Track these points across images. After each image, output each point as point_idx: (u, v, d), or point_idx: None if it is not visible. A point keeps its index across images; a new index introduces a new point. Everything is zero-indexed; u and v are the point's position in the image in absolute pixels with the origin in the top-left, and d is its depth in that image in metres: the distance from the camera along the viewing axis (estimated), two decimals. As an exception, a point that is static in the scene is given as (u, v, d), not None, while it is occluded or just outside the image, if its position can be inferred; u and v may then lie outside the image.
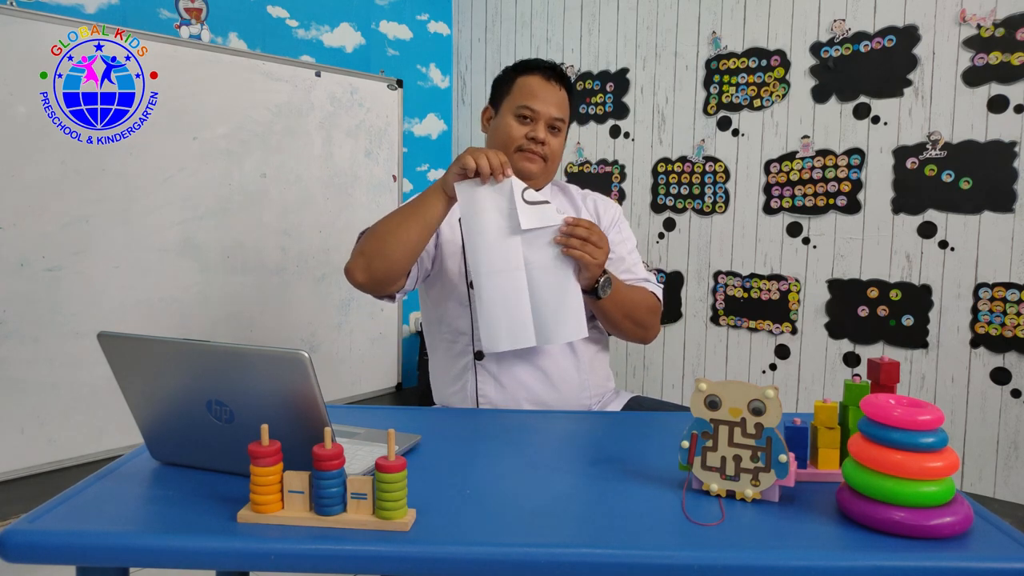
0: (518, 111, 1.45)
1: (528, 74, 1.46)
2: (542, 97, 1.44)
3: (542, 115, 1.44)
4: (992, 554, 0.75)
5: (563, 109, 1.47)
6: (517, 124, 1.45)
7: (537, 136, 1.43)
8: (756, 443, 0.86)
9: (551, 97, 1.45)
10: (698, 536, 0.79)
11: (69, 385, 2.39)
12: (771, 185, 2.78)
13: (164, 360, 0.89)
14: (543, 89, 1.45)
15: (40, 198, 2.30)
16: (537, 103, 1.44)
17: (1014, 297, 2.29)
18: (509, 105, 1.47)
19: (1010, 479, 2.34)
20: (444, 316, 1.49)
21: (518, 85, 1.47)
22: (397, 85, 3.35)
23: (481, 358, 1.44)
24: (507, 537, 0.79)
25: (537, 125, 1.44)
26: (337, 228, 3.15)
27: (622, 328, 1.44)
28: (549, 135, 1.45)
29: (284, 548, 0.76)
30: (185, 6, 2.75)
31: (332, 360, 3.17)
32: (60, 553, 0.77)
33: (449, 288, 1.47)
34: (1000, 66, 2.27)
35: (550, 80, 1.45)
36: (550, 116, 1.44)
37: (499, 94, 1.51)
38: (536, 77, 1.46)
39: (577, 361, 1.45)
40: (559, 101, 1.46)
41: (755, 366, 2.88)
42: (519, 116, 1.45)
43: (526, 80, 1.46)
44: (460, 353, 1.47)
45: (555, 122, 1.45)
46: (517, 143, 1.44)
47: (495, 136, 1.49)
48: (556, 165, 1.52)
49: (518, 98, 1.45)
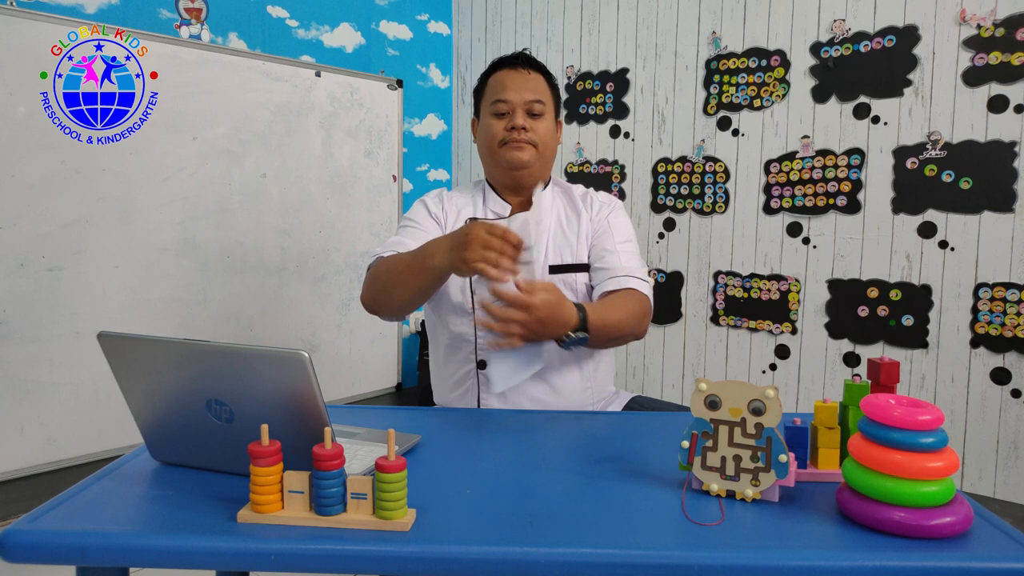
0: (492, 108, 1.44)
1: (496, 70, 1.47)
2: (512, 86, 1.43)
3: (516, 103, 1.42)
4: (992, 554, 0.75)
5: (538, 91, 1.45)
6: (495, 120, 1.44)
7: (516, 123, 1.42)
8: (756, 443, 0.86)
9: (522, 82, 1.44)
10: (698, 536, 0.79)
11: (69, 385, 2.39)
12: (771, 185, 2.78)
13: (164, 360, 0.89)
14: (511, 79, 1.44)
15: (40, 198, 2.31)
16: (508, 92, 1.43)
17: (1014, 297, 2.28)
18: (485, 106, 1.48)
19: (1010, 479, 2.34)
20: (446, 322, 1.47)
21: (489, 85, 1.47)
22: (397, 85, 3.35)
23: (483, 367, 1.43)
24: (507, 537, 0.79)
25: (514, 114, 1.43)
26: (337, 228, 3.15)
27: (611, 347, 1.43)
28: (531, 120, 1.43)
29: (284, 548, 0.76)
30: (185, 6, 2.75)
31: (332, 360, 3.17)
32: (60, 553, 0.77)
33: (451, 296, 1.45)
34: (1000, 66, 2.27)
35: (517, 68, 1.45)
36: (524, 101, 1.43)
37: (477, 101, 1.52)
38: (504, 70, 1.46)
39: (581, 372, 1.45)
40: (533, 85, 1.44)
41: (755, 366, 2.87)
42: (495, 113, 1.44)
43: (495, 77, 1.46)
44: (463, 360, 1.45)
45: (532, 106, 1.43)
46: (499, 138, 1.44)
47: (480, 141, 1.50)
48: (551, 152, 1.49)
49: (491, 95, 1.46)
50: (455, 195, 1.54)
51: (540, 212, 1.38)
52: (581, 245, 1.47)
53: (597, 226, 1.48)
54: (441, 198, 1.53)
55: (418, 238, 1.41)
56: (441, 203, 1.52)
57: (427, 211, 1.51)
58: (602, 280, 1.42)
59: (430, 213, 1.50)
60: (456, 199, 1.53)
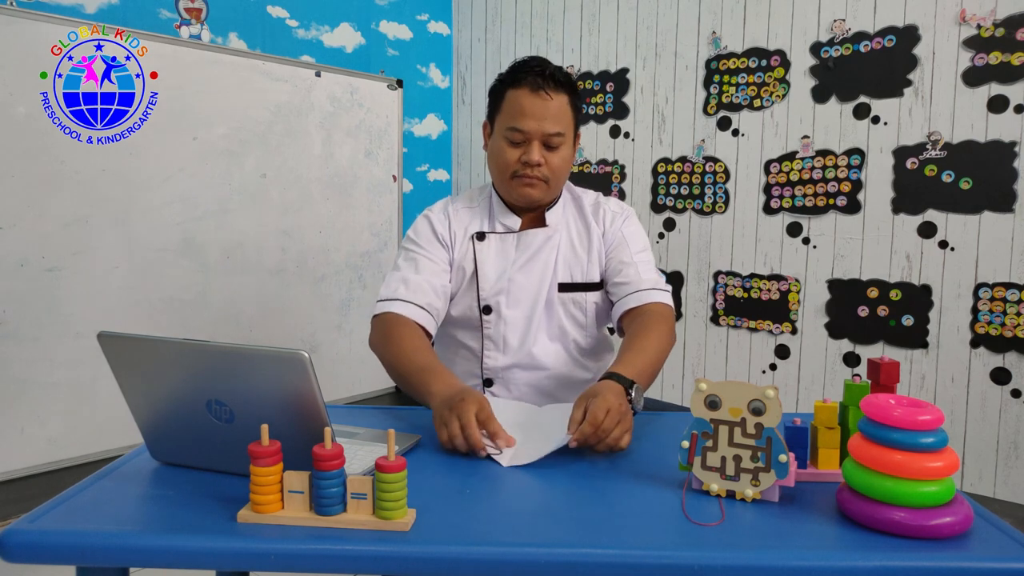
0: (507, 134, 1.32)
1: (517, 87, 1.31)
2: (531, 113, 1.29)
3: (533, 134, 1.30)
4: (992, 554, 0.75)
5: (560, 120, 1.32)
6: (509, 148, 1.33)
7: (530, 159, 1.31)
8: (756, 443, 0.86)
9: (542, 111, 1.30)
10: (698, 536, 0.79)
11: (69, 385, 2.39)
12: (771, 185, 2.78)
13: (164, 360, 0.89)
14: (532, 104, 1.30)
15: (40, 198, 2.31)
16: (526, 122, 1.30)
17: (1014, 297, 2.28)
18: (500, 125, 1.35)
19: (1010, 479, 2.34)
20: (455, 333, 1.46)
21: (507, 101, 1.33)
22: (397, 85, 3.35)
23: (490, 384, 1.41)
24: (507, 537, 0.79)
25: (530, 147, 1.31)
26: (337, 228, 3.15)
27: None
28: (547, 153, 1.32)
29: (284, 548, 0.76)
30: (185, 6, 2.75)
31: (332, 360, 3.17)
32: (60, 553, 0.77)
33: (460, 311, 1.43)
34: (1000, 66, 2.27)
35: (539, 91, 1.29)
36: (543, 133, 1.30)
37: (493, 108, 1.39)
38: (524, 91, 1.30)
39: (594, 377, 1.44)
40: (555, 113, 1.31)
41: (755, 366, 2.87)
42: (510, 141, 1.32)
43: (515, 95, 1.32)
44: (467, 375, 1.44)
45: (551, 139, 1.31)
46: (512, 169, 1.34)
47: (492, 162, 1.39)
48: (562, 180, 1.40)
49: (507, 118, 1.33)
50: (461, 207, 1.46)
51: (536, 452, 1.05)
52: (593, 263, 1.42)
53: (611, 239, 1.43)
54: (447, 215, 1.44)
55: (426, 270, 1.37)
56: (448, 221, 1.43)
57: (434, 233, 1.42)
58: (623, 296, 1.38)
59: (437, 236, 1.42)
60: (463, 214, 1.45)
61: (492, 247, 1.41)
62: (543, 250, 1.41)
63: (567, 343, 1.42)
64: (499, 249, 1.41)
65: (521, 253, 1.40)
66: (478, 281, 1.40)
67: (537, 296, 1.40)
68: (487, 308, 1.40)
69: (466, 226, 1.43)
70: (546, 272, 1.40)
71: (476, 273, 1.41)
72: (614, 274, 1.41)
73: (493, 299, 1.40)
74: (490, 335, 1.41)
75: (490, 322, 1.40)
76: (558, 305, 1.41)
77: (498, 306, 1.39)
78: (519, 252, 1.41)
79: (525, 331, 1.39)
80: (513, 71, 1.34)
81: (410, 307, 1.33)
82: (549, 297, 1.40)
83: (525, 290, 1.39)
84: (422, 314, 1.34)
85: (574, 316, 1.42)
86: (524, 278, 1.39)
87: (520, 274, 1.40)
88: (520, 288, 1.39)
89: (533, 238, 1.41)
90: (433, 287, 1.36)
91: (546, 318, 1.41)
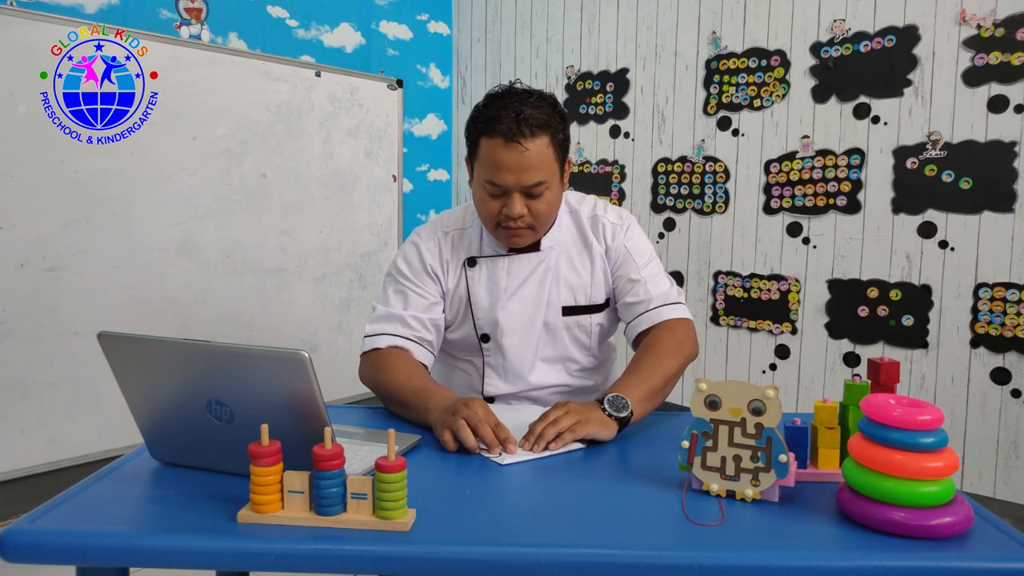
0: (486, 185, 1.25)
1: (490, 136, 1.22)
2: (507, 166, 1.21)
3: (511, 187, 1.23)
4: (992, 554, 0.75)
5: (541, 168, 1.23)
6: (490, 200, 1.26)
7: (511, 213, 1.24)
8: (756, 443, 0.86)
9: (519, 163, 1.21)
10: (698, 536, 0.79)
11: (69, 385, 2.39)
12: (771, 185, 2.78)
13: (164, 360, 0.89)
14: (507, 156, 1.21)
15: (40, 198, 2.30)
16: (502, 176, 1.22)
17: (1014, 297, 2.28)
18: (479, 173, 1.28)
19: (1010, 479, 2.34)
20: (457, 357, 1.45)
21: (482, 149, 1.25)
22: (397, 85, 3.35)
23: (491, 402, 1.40)
24: (507, 537, 0.79)
25: (510, 200, 1.24)
26: (337, 228, 3.15)
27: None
28: (530, 201, 1.25)
29: (284, 548, 0.76)
30: (185, 6, 2.75)
31: (332, 360, 3.17)
32: (60, 553, 0.77)
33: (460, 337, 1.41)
34: (1000, 66, 2.27)
35: (513, 142, 1.20)
36: (521, 186, 1.23)
37: (470, 151, 1.31)
38: (497, 141, 1.21)
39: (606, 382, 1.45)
40: (534, 162, 1.22)
41: (755, 366, 2.87)
42: (489, 192, 1.26)
43: (489, 146, 1.23)
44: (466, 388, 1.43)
45: (531, 189, 1.24)
46: (495, 220, 1.28)
47: (475, 206, 1.33)
48: (551, 219, 1.33)
49: (484, 169, 1.25)
50: (453, 230, 1.40)
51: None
52: (596, 284, 1.38)
53: (614, 256, 1.38)
54: (438, 244, 1.38)
55: (415, 306, 1.34)
56: (438, 249, 1.38)
57: (423, 265, 1.37)
58: (634, 317, 1.35)
59: (426, 268, 1.37)
60: (454, 237, 1.39)
61: (483, 273, 1.37)
62: (535, 274, 1.36)
63: (568, 366, 1.41)
64: (490, 275, 1.37)
65: (512, 279, 1.36)
66: (472, 311, 1.37)
67: (532, 323, 1.36)
68: (485, 336, 1.38)
69: (458, 252, 1.39)
70: (541, 297, 1.36)
71: (470, 302, 1.38)
72: (623, 293, 1.37)
73: (489, 328, 1.37)
74: (490, 363, 1.39)
75: (489, 350, 1.39)
76: (562, 330, 1.38)
77: (495, 335, 1.37)
78: (510, 279, 1.36)
79: (523, 359, 1.37)
80: (485, 115, 1.24)
81: (399, 340, 1.32)
82: (550, 322, 1.37)
83: (519, 318, 1.36)
84: (414, 346, 1.32)
85: (579, 339, 1.40)
86: (518, 306, 1.36)
87: (513, 302, 1.36)
88: (514, 317, 1.36)
89: (525, 263, 1.37)
90: (421, 322, 1.33)
91: (546, 344, 1.38)
